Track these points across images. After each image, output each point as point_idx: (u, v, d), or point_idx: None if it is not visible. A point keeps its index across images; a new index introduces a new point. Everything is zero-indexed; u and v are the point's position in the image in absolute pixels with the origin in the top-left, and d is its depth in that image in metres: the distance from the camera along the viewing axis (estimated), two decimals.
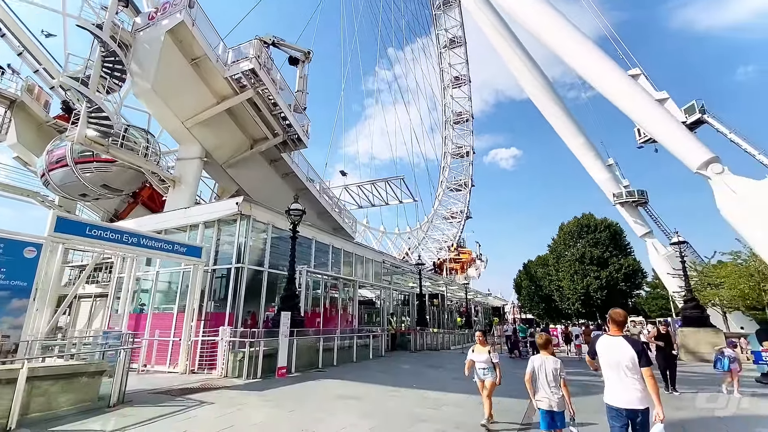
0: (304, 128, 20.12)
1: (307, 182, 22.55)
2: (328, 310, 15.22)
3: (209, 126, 18.56)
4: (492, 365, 6.00)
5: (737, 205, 22.76)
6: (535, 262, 74.43)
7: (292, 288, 11.77)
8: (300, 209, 12.25)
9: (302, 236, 14.62)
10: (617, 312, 3.81)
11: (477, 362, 6.11)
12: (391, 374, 11.23)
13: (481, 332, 6.42)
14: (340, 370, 11.47)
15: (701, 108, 26.65)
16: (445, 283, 37.48)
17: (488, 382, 6.01)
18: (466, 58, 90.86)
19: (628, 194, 42.42)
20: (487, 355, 6.01)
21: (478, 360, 6.09)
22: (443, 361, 15.32)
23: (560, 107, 45.83)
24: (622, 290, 55.33)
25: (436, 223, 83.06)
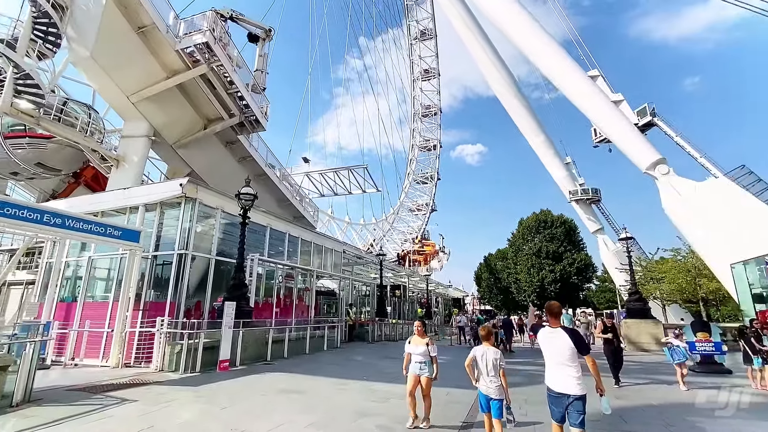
0: (263, 110, 19.18)
1: (266, 167, 21.63)
2: (283, 301, 14.66)
3: (158, 102, 17.26)
4: (429, 359, 5.42)
5: (680, 205, 24.22)
6: (495, 255, 76.66)
7: (241, 276, 11.13)
8: (251, 193, 11.56)
9: (255, 223, 13.94)
10: (553, 304, 4.02)
11: (413, 355, 5.48)
12: (343, 366, 10.93)
13: (421, 322, 5.85)
14: (290, 362, 11.03)
15: (652, 111, 28.05)
16: (407, 275, 37.64)
17: (423, 379, 5.37)
18: (436, 51, 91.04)
19: (582, 192, 44.41)
20: (424, 347, 5.41)
21: (415, 353, 5.46)
22: (399, 352, 15.14)
23: (524, 105, 46.94)
24: (575, 283, 58.13)
25: (402, 215, 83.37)
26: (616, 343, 9.14)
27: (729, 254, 18.92)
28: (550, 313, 4.00)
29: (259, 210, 14.35)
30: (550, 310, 4.02)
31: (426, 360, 5.42)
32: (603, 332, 9.23)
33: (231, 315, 9.50)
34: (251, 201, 11.63)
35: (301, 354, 12.68)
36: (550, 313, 4.00)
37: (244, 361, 10.12)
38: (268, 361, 10.85)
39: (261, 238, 14.31)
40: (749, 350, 9.08)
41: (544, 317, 18.23)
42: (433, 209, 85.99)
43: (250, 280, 12.62)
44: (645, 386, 9.07)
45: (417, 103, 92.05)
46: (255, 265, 12.80)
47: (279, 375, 8.96)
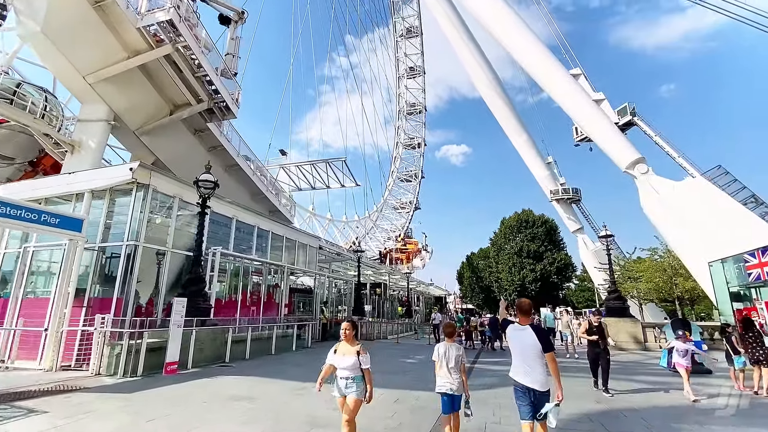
0: (234, 96, 18.15)
1: (238, 158, 20.59)
2: (250, 298, 13.75)
3: (119, 84, 16.05)
4: (360, 374, 4.07)
5: (658, 204, 24.27)
6: (478, 254, 76.98)
7: (198, 271, 10.23)
8: (211, 180, 10.67)
9: (219, 214, 13.05)
10: (524, 302, 4.00)
11: (339, 369, 4.12)
12: (309, 368, 10.15)
13: (350, 323, 4.34)
14: (251, 364, 10.20)
15: (632, 110, 28.12)
16: (387, 273, 37.00)
17: (350, 400, 4.00)
18: (421, 49, 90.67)
19: (563, 191, 44.57)
20: (354, 358, 4.04)
21: (341, 366, 4.09)
22: (372, 352, 14.51)
23: (507, 105, 46.83)
24: (554, 282, 58.78)
25: (386, 213, 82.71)
26: (602, 345, 7.97)
27: (706, 253, 18.92)
28: (521, 311, 3.97)
29: (224, 200, 13.43)
30: (521, 307, 3.99)
31: (355, 375, 4.06)
32: (588, 332, 8.20)
33: (181, 313, 8.61)
34: (211, 189, 10.74)
35: (266, 355, 11.85)
36: (521, 311, 3.97)
37: (198, 363, 9.24)
38: (227, 362, 9.99)
39: (226, 231, 13.39)
40: (731, 350, 8.73)
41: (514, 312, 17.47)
42: (417, 207, 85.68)
43: (211, 275, 11.72)
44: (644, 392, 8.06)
45: (402, 101, 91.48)
46: (217, 260, 11.88)
47: (232, 378, 8.13)
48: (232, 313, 12.48)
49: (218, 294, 12.24)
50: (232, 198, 16.36)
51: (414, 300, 42.28)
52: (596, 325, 8.13)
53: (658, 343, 16.66)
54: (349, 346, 4.23)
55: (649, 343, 16.64)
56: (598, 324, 8.16)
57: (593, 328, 8.11)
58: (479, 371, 10.94)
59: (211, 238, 12.95)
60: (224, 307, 12.22)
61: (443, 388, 4.31)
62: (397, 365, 11.52)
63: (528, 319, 3.91)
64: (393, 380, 8.83)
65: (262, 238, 15.37)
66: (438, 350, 4.46)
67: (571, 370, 11.08)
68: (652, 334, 16.86)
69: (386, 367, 10.99)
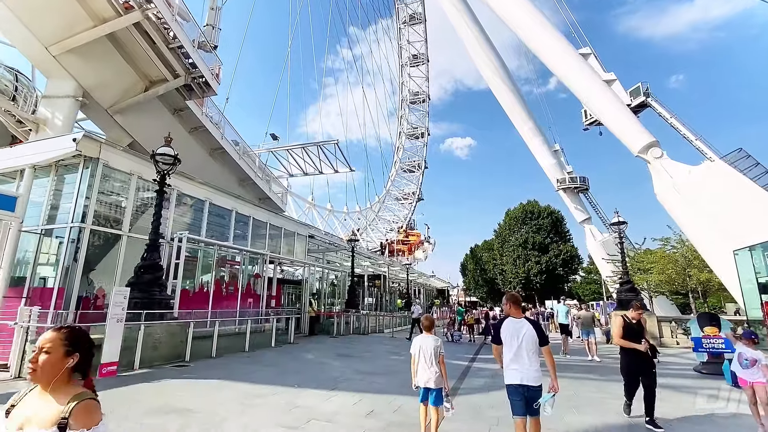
0: (214, 71, 16.77)
1: (222, 140, 19.25)
2: (224, 289, 12.50)
3: (87, 57, 14.73)
4: None
5: (673, 190, 22.67)
6: (482, 246, 75.64)
7: (154, 257, 8.95)
8: (170, 155, 9.34)
9: (190, 196, 11.74)
10: (514, 295, 3.95)
11: None
12: (280, 368, 8.91)
13: None
14: (214, 363, 8.97)
15: (646, 91, 26.34)
16: (387, 264, 35.71)
17: None
18: (425, 36, 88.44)
19: (570, 180, 42.81)
20: None
21: None
22: (361, 348, 13.31)
23: (513, 92, 44.95)
24: (560, 275, 57.33)
25: (388, 204, 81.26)
26: (648, 352, 5.28)
27: (725, 241, 17.41)
28: (514, 303, 3.92)
29: (196, 181, 12.14)
30: (514, 300, 3.95)
31: None
32: (627, 332, 5.39)
33: (122, 305, 7.33)
34: (171, 164, 9.40)
35: (239, 352, 10.62)
36: (514, 303, 3.92)
37: (149, 363, 8.01)
38: (186, 362, 8.75)
39: (197, 215, 12.12)
40: None
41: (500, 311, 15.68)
42: (420, 198, 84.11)
43: (176, 262, 10.46)
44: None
45: (405, 90, 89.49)
46: (183, 246, 10.60)
47: (179, 383, 6.89)
48: (202, 306, 11.24)
49: (187, 284, 10.98)
50: (218, 184, 15.13)
51: (415, 292, 41.07)
52: (635, 322, 5.48)
53: (674, 339, 15.27)
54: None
55: (665, 338, 15.24)
56: (637, 321, 5.52)
57: (633, 327, 5.46)
58: (476, 371, 9.64)
59: (180, 222, 11.72)
60: (193, 300, 10.97)
61: (420, 381, 4.29)
62: (383, 364, 10.24)
63: (521, 312, 3.86)
64: (374, 383, 7.56)
65: (242, 224, 14.10)
66: (415, 343, 4.44)
67: (576, 370, 9.75)
68: (668, 329, 15.46)
69: (371, 366, 9.73)
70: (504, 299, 4.06)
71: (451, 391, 5.76)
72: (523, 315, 3.87)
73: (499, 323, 3.95)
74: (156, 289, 8.71)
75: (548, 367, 3.68)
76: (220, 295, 12.01)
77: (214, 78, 16.74)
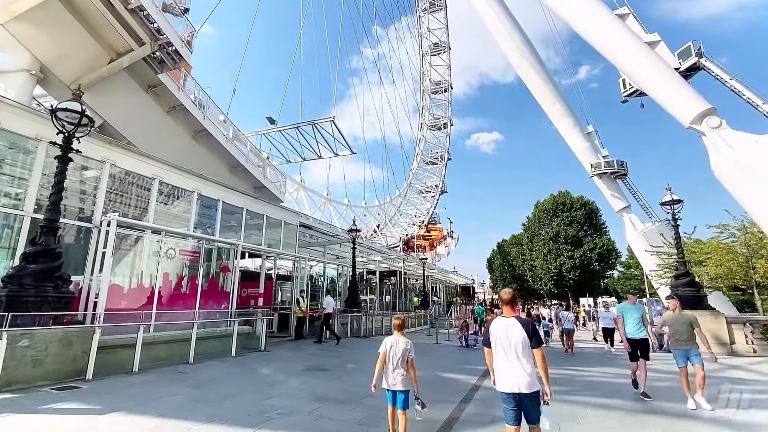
0: (184, 38, 14.78)
1: (204, 120, 17.32)
2: (176, 285, 10.33)
3: (41, 25, 13.08)
4: None
5: (735, 165, 18.88)
6: (510, 241, 71.60)
7: (49, 242, 6.88)
8: (77, 111, 7.23)
9: (132, 172, 9.70)
10: (506, 291, 3.71)
11: None
12: (206, 390, 6.62)
13: None
14: (124, 382, 6.81)
15: (698, 51, 22.39)
16: (402, 259, 33.14)
17: None
18: (446, 23, 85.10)
19: (606, 165, 38.50)
20: None
21: None
22: (347, 358, 10.93)
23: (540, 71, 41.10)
24: (596, 270, 52.84)
25: (410, 197, 78.56)
26: None
27: None
28: (504, 302, 3.66)
29: (137, 152, 10.07)
30: (504, 299, 3.67)
31: None
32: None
33: None
34: (76, 124, 7.29)
35: (179, 364, 8.46)
36: (504, 302, 3.66)
37: (26, 383, 5.92)
38: (86, 379, 6.63)
39: (143, 194, 10.07)
40: None
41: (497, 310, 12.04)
42: (443, 191, 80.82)
43: (103, 251, 8.41)
44: None
45: (426, 80, 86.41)
46: (112, 231, 8.52)
47: (22, 420, 4.70)
48: (145, 306, 9.14)
49: (121, 279, 8.92)
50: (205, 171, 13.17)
51: (433, 290, 38.30)
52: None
53: (750, 345, 11.97)
54: None
55: (738, 345, 11.97)
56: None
57: None
58: (486, 394, 7.00)
59: (127, 204, 9.72)
60: (127, 297, 8.89)
61: (387, 383, 4.18)
62: (360, 383, 7.76)
63: (512, 311, 3.63)
64: (323, 422, 5.14)
65: (209, 208, 12.02)
66: (385, 343, 4.34)
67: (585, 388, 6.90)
68: (742, 333, 12.13)
69: (341, 386, 7.32)
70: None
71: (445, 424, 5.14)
72: (514, 313, 3.60)
73: (489, 324, 3.73)
74: (48, 284, 6.63)
75: (540, 372, 3.32)
76: (168, 291, 9.88)
77: (185, 45, 14.75)
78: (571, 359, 12.12)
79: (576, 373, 9.84)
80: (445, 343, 16.08)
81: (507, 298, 3.63)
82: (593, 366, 10.86)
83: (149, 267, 9.52)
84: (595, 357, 12.73)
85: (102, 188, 8.96)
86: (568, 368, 10.31)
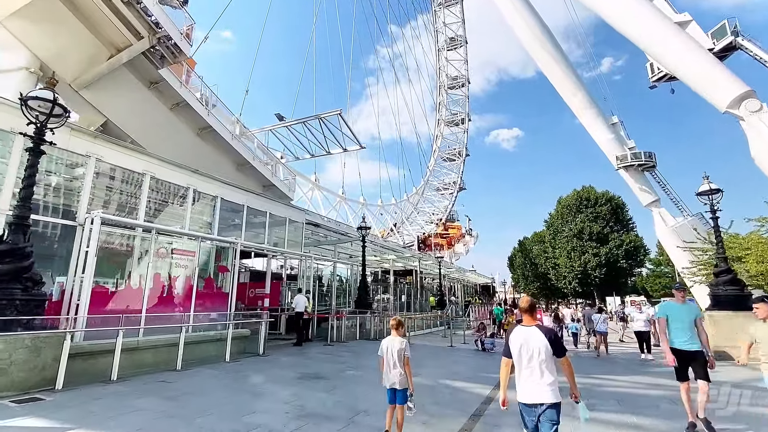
0: (183, 30, 14.35)
1: (208, 117, 16.91)
2: (169, 286, 9.79)
3: (40, 22, 12.89)
4: None
5: None
6: (531, 239, 69.48)
7: (17, 240, 6.38)
8: (49, 99, 6.74)
9: (121, 167, 9.23)
10: (524, 299, 3.60)
11: None
12: (184, 403, 5.99)
13: None
14: (98, 393, 6.26)
15: (734, 30, 20.57)
16: (417, 258, 32.22)
17: None
18: (462, 17, 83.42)
19: (633, 156, 36.37)
20: None
21: None
22: (350, 363, 10.20)
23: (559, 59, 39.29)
24: (623, 268, 50.43)
25: (427, 195, 77.39)
26: None
27: None
28: (523, 310, 3.52)
29: (126, 146, 9.59)
30: (522, 307, 3.55)
31: None
32: None
33: None
34: (48, 114, 6.79)
35: (165, 370, 7.89)
36: (523, 310, 3.52)
37: None
38: (54, 389, 6.09)
39: (131, 190, 9.58)
40: None
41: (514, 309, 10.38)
42: (462, 188, 79.22)
43: (86, 251, 7.93)
44: None
45: (443, 75, 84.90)
46: (95, 228, 8.03)
47: None
48: (134, 308, 8.63)
49: (107, 280, 8.44)
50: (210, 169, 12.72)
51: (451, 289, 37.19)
52: None
53: None
54: None
55: None
56: None
57: None
58: (500, 413, 6.11)
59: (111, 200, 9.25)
60: (114, 299, 8.38)
61: (387, 382, 4.41)
62: (358, 395, 7.00)
63: (533, 319, 3.45)
64: None
65: (205, 205, 11.47)
66: (382, 345, 4.53)
67: None
68: None
69: (334, 399, 6.58)
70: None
71: None
72: (534, 321, 3.44)
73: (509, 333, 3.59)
74: (16, 286, 6.13)
75: (566, 377, 3.30)
76: (160, 293, 9.35)
77: (184, 38, 14.31)
78: (599, 366, 11.00)
79: (605, 382, 8.78)
80: (461, 346, 15.14)
81: (526, 307, 3.49)
82: (624, 374, 9.74)
83: (139, 267, 9.01)
84: (626, 363, 11.56)
85: (87, 184, 8.49)
86: (596, 376, 9.25)
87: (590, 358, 12.61)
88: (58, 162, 8.39)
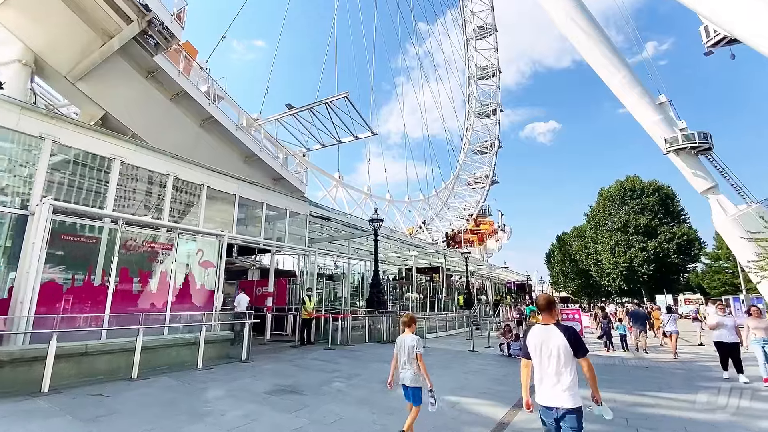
0: (174, 13, 13.50)
1: (209, 106, 16.10)
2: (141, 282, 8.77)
3: (29, 11, 12.46)
4: None
5: None
6: (571, 233, 65.45)
7: None
8: None
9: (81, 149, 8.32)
10: (542, 297, 3.46)
11: None
12: (100, 427, 4.80)
13: None
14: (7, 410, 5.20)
15: None
16: (443, 254, 30.40)
17: None
18: (491, 3, 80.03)
19: (684, 138, 32.47)
20: None
21: None
22: (345, 372, 8.80)
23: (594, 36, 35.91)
24: (674, 263, 45.92)
25: (458, 190, 74.71)
26: None
27: None
28: (542, 309, 3.37)
29: (88, 128, 8.67)
30: (540, 305, 3.40)
31: None
32: None
33: None
34: None
35: (118, 380, 6.83)
36: (542, 309, 3.37)
37: None
38: None
39: (100, 175, 8.66)
40: None
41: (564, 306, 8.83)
42: (495, 181, 75.85)
43: (33, 243, 7.02)
44: None
45: (472, 65, 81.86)
46: (45, 217, 7.10)
47: None
48: (97, 308, 7.68)
49: (61, 275, 7.50)
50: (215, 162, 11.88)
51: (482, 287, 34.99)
52: None
53: None
54: None
55: None
56: None
57: None
58: None
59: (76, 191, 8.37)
60: (68, 297, 7.43)
61: (399, 380, 4.50)
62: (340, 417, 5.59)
63: (552, 318, 3.29)
64: None
65: (189, 195, 10.47)
66: (396, 343, 4.63)
67: None
68: None
69: (317, 420, 5.20)
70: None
71: None
72: (553, 320, 3.28)
73: (526, 332, 3.47)
74: None
75: (587, 379, 3.12)
76: (130, 290, 8.36)
77: (175, 20, 13.47)
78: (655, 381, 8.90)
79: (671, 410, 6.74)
80: (483, 350, 13.38)
81: (543, 304, 3.36)
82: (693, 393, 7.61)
83: (104, 262, 8.05)
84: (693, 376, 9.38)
85: (42, 169, 7.62)
86: (652, 394, 7.31)
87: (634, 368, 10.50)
88: (7, 144, 7.54)
